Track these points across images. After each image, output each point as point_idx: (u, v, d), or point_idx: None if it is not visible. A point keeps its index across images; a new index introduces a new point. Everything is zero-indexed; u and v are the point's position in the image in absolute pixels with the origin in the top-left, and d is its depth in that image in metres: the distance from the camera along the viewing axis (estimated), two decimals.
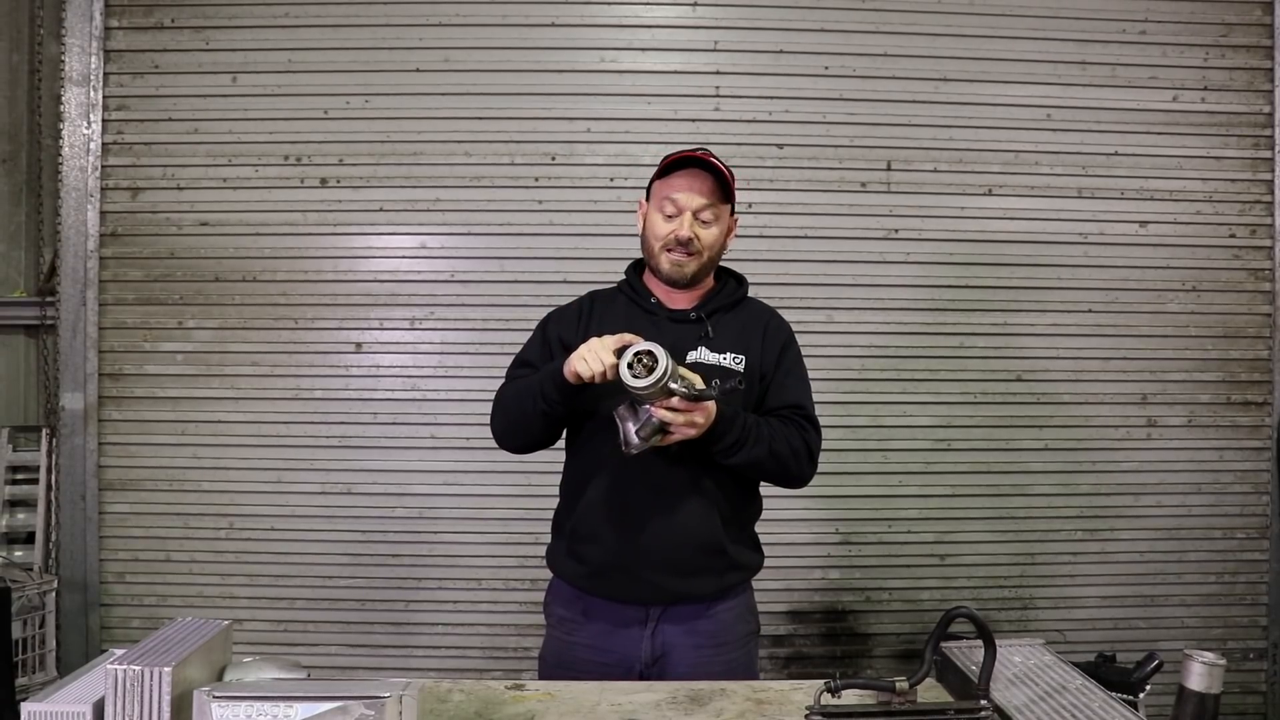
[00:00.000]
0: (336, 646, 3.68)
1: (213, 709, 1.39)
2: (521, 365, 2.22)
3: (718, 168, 2.11)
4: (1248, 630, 3.81)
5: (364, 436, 3.66)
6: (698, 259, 2.12)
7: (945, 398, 3.71)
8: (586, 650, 2.15)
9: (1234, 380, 3.77)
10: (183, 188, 3.65)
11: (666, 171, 2.14)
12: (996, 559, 3.74)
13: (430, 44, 3.63)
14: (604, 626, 2.14)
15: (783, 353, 2.19)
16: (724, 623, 2.16)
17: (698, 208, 2.10)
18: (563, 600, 2.21)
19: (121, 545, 3.68)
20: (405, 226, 3.66)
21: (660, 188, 2.15)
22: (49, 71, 3.73)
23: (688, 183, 2.10)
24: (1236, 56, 3.74)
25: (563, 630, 2.20)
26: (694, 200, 2.10)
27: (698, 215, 2.10)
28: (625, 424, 1.93)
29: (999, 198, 3.70)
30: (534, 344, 2.24)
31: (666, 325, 2.14)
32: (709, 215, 2.11)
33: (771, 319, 2.24)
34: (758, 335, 2.18)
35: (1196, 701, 1.72)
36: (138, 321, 3.67)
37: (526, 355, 2.24)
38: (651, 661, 2.12)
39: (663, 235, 2.12)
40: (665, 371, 1.80)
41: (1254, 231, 3.76)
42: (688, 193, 2.10)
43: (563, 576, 2.21)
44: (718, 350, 2.12)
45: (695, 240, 2.10)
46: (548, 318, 2.28)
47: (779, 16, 3.65)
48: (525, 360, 2.22)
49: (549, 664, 2.21)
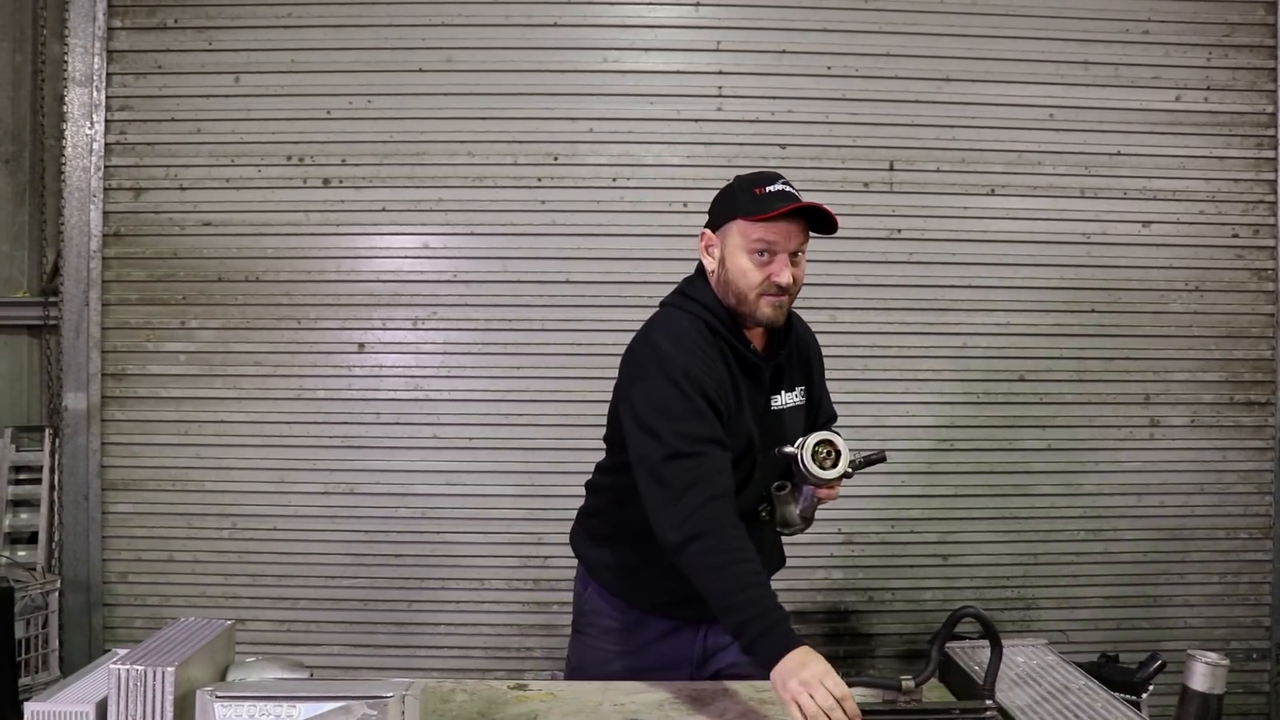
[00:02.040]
0: (339, 646, 3.68)
1: (215, 709, 1.39)
2: (706, 443, 1.85)
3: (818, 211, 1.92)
4: (1251, 630, 3.80)
5: (367, 437, 3.66)
6: (791, 298, 1.98)
7: (948, 398, 3.70)
8: (635, 658, 2.11)
9: (1237, 380, 3.77)
10: (186, 188, 3.65)
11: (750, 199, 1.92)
12: (999, 559, 3.74)
13: (433, 44, 3.63)
14: (655, 635, 2.12)
15: (823, 372, 2.26)
16: None
17: (794, 248, 1.93)
18: (613, 613, 2.15)
19: (124, 545, 3.68)
20: (408, 226, 3.66)
21: (749, 229, 1.91)
22: (52, 72, 3.73)
23: (785, 225, 1.90)
24: (1239, 56, 3.74)
25: (610, 641, 2.15)
26: (793, 241, 1.92)
27: (793, 255, 1.94)
28: (786, 507, 1.96)
29: (1002, 198, 3.70)
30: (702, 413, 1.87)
31: (764, 376, 2.03)
32: (800, 253, 1.96)
33: (812, 339, 2.24)
34: (810, 362, 2.19)
35: (1199, 702, 1.72)
36: (141, 322, 3.67)
37: (707, 431, 1.86)
38: (701, 662, 2.12)
39: (758, 283, 1.91)
40: (849, 461, 1.84)
41: (1257, 231, 3.76)
42: (784, 237, 1.91)
43: (627, 599, 2.13)
44: (790, 389, 2.09)
45: (792, 285, 1.94)
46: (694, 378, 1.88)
47: (781, 16, 3.65)
48: (711, 438, 1.86)
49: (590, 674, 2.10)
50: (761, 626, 1.67)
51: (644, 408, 1.89)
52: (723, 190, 2.03)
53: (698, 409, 1.86)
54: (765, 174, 1.98)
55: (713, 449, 1.84)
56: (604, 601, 2.16)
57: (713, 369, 1.91)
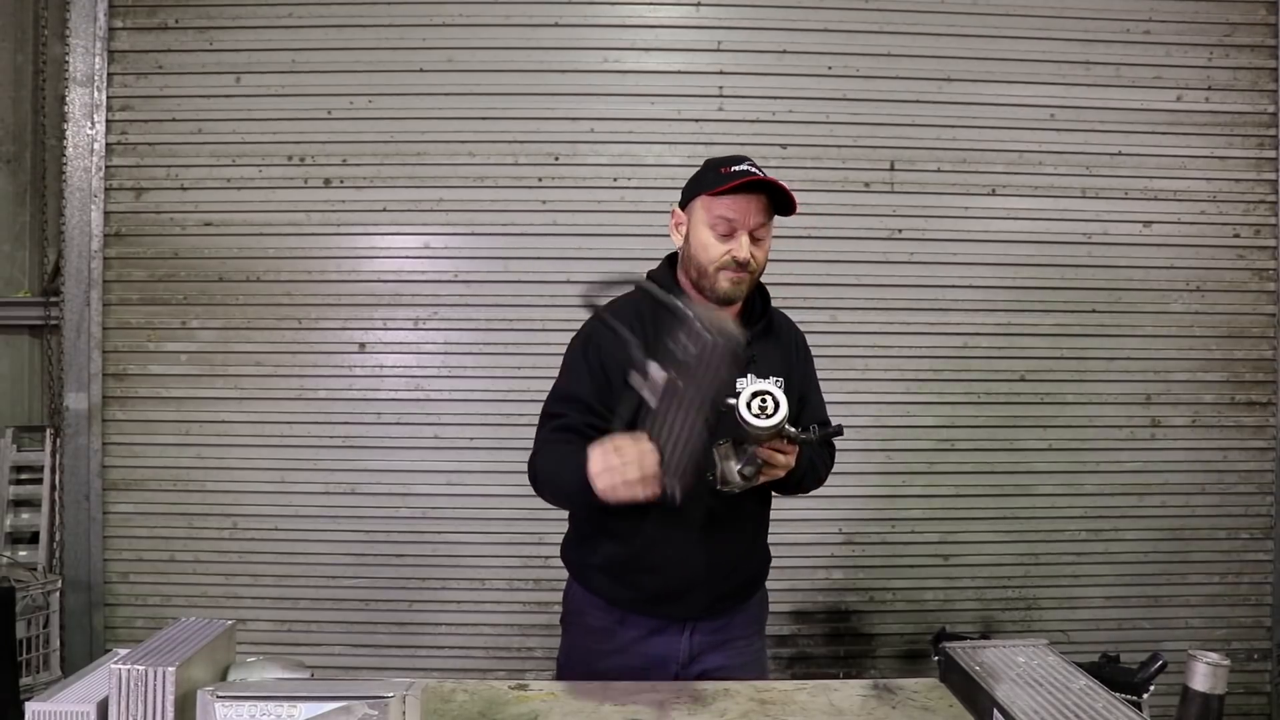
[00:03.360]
0: (340, 646, 3.68)
1: (216, 709, 1.39)
2: (568, 401, 2.05)
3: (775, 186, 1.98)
4: (1252, 631, 3.80)
5: (367, 437, 3.66)
6: (751, 278, 2.04)
7: (949, 398, 3.71)
8: (621, 657, 2.11)
9: (1238, 380, 3.77)
10: (187, 188, 3.66)
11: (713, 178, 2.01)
12: (1000, 559, 3.74)
13: (434, 44, 3.64)
14: (641, 634, 2.12)
15: (808, 369, 2.24)
16: (752, 614, 2.22)
17: (754, 226, 1.99)
18: (594, 611, 2.16)
19: (125, 545, 3.69)
20: (409, 226, 3.66)
21: (711, 204, 1.99)
22: (53, 72, 3.73)
23: (745, 202, 1.98)
24: (1240, 56, 3.74)
25: (594, 639, 2.15)
26: (751, 219, 1.98)
27: (753, 233, 1.99)
28: (726, 462, 1.88)
29: (1003, 198, 3.70)
30: (580, 378, 2.05)
31: None
32: (762, 232, 2.02)
33: (797, 336, 2.25)
34: (792, 355, 2.19)
35: (1201, 702, 1.72)
36: (142, 322, 3.68)
37: (574, 389, 2.05)
38: (688, 661, 2.12)
39: (717, 256, 1.99)
40: (786, 415, 1.76)
41: (1258, 231, 3.76)
42: (745, 213, 1.98)
43: (606, 598, 2.14)
44: (762, 375, 2.04)
45: (752, 261, 2.00)
46: (589, 338, 2.08)
47: (782, 16, 3.65)
48: (573, 396, 2.05)
49: (577, 672, 2.11)
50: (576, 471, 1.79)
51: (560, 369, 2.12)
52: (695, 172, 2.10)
53: (579, 373, 2.05)
54: (735, 156, 2.06)
55: (575, 407, 2.02)
56: (588, 600, 2.18)
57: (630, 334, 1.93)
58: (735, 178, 1.97)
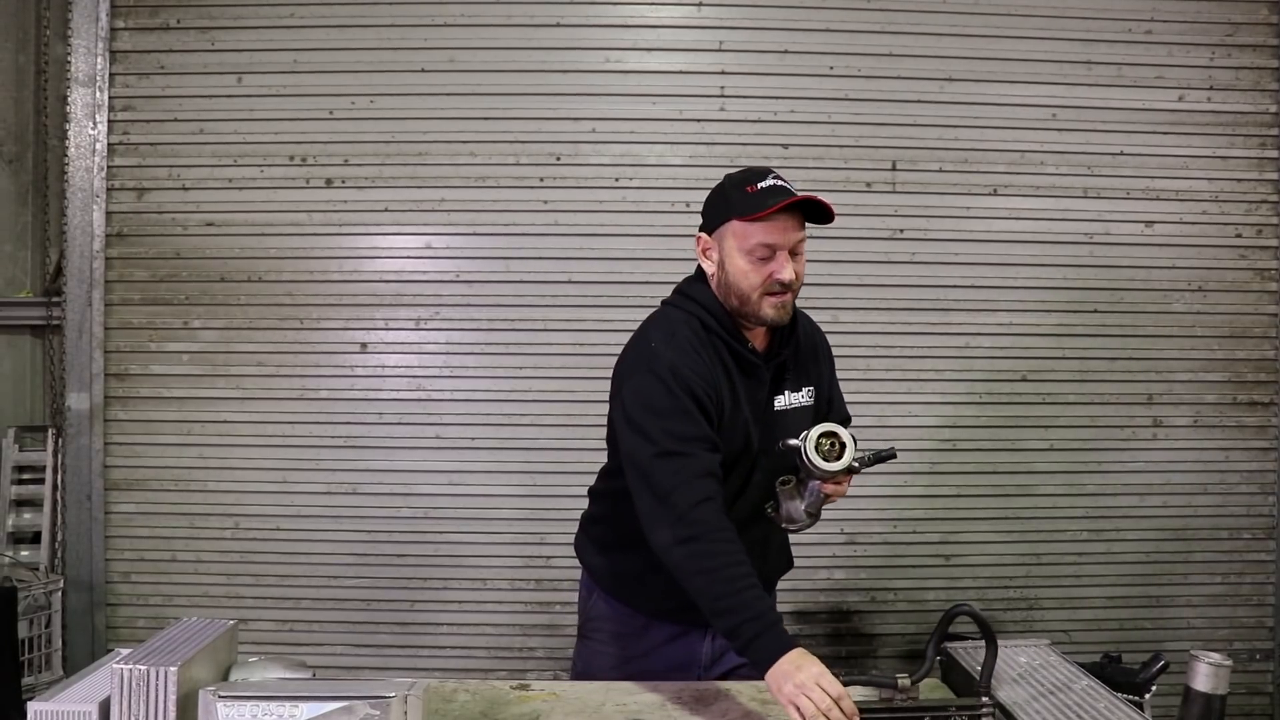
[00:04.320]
0: (342, 646, 3.68)
1: (218, 709, 1.39)
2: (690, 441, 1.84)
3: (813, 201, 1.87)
4: (1254, 631, 3.79)
5: (369, 437, 3.66)
6: (795, 295, 1.94)
7: (950, 398, 3.70)
8: (644, 662, 2.08)
9: (1240, 380, 3.76)
10: (188, 188, 3.66)
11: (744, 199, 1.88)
12: (1002, 559, 3.74)
13: (435, 44, 3.63)
14: (664, 639, 2.09)
15: (833, 371, 2.21)
16: None
17: (793, 245, 1.88)
18: (620, 618, 2.13)
19: (127, 545, 3.69)
20: (410, 227, 3.66)
21: (747, 230, 1.86)
22: (55, 72, 3.73)
23: (781, 222, 1.86)
24: (1242, 56, 3.73)
25: (617, 646, 2.13)
26: (791, 238, 1.87)
27: (792, 252, 1.89)
28: (790, 502, 1.89)
29: (1004, 198, 3.69)
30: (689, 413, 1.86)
31: (764, 375, 1.99)
32: (800, 247, 1.91)
33: (820, 338, 2.18)
34: (818, 361, 2.14)
35: (1202, 702, 1.72)
36: (143, 322, 3.68)
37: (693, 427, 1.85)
38: (710, 664, 2.10)
39: (760, 282, 1.87)
40: (854, 454, 1.77)
41: (1260, 231, 3.75)
42: (783, 233, 1.86)
43: (625, 603, 2.10)
44: (795, 389, 2.04)
45: (795, 280, 1.89)
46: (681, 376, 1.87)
47: (784, 16, 3.65)
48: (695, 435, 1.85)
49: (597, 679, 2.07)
50: (756, 629, 1.68)
51: (633, 405, 1.88)
52: (714, 191, 1.98)
53: (684, 407, 1.84)
54: (755, 170, 1.95)
55: (699, 448, 1.83)
56: (609, 608, 2.14)
57: (702, 368, 1.89)
58: (767, 196, 1.84)
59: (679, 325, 1.95)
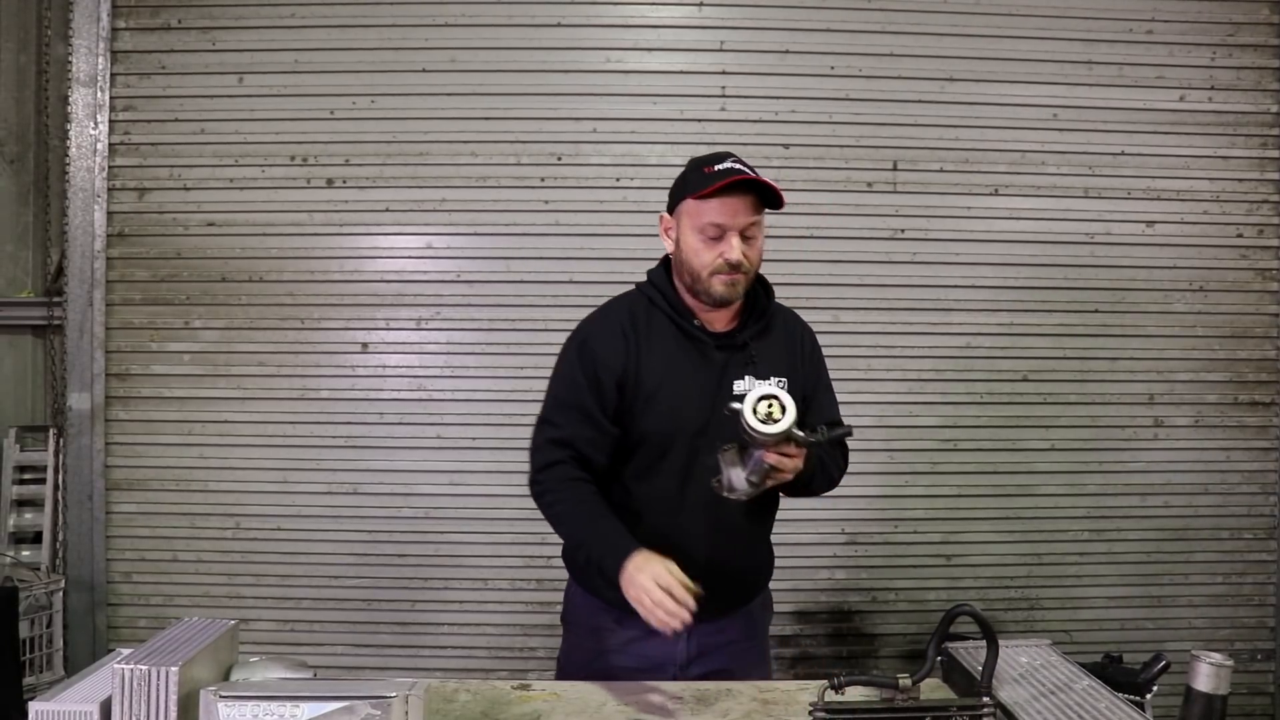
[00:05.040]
0: (343, 646, 3.68)
1: (219, 708, 1.39)
2: (566, 410, 2.03)
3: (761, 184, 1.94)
4: (1255, 631, 3.79)
5: (370, 436, 3.67)
6: (746, 278, 1.99)
7: (951, 398, 3.70)
8: (619, 657, 2.09)
9: (1241, 380, 3.76)
10: (189, 188, 3.66)
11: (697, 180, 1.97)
12: (1003, 559, 3.74)
13: (436, 44, 3.64)
14: (638, 635, 2.06)
15: (818, 369, 2.18)
16: (753, 616, 2.19)
17: (743, 227, 1.95)
18: (593, 611, 2.14)
19: (128, 545, 3.69)
20: (411, 227, 3.66)
21: (699, 208, 1.95)
22: (56, 72, 3.74)
23: (732, 203, 1.93)
24: (1244, 56, 3.73)
25: (593, 640, 2.14)
26: (739, 220, 1.94)
27: (743, 232, 1.95)
28: (732, 469, 1.84)
29: (1005, 198, 3.69)
30: (577, 384, 2.03)
31: (714, 354, 2.03)
32: (753, 230, 1.97)
33: (803, 333, 2.19)
34: (796, 355, 2.13)
35: (1204, 702, 1.71)
36: (144, 322, 3.68)
37: (573, 397, 2.03)
38: (687, 663, 2.10)
39: (710, 261, 1.95)
40: (794, 420, 1.72)
41: (1261, 231, 3.75)
42: (733, 214, 1.93)
43: (599, 595, 2.10)
44: (762, 376, 2.03)
45: (744, 262, 1.95)
46: (585, 343, 2.05)
47: (785, 16, 3.65)
48: (571, 404, 2.03)
49: (576, 672, 2.11)
50: (601, 550, 1.91)
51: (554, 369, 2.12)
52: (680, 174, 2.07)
53: (574, 379, 2.02)
54: (718, 154, 2.03)
55: (573, 417, 2.02)
56: (583, 599, 2.17)
57: (613, 348, 2.01)
58: (719, 178, 1.92)
59: (620, 304, 2.11)
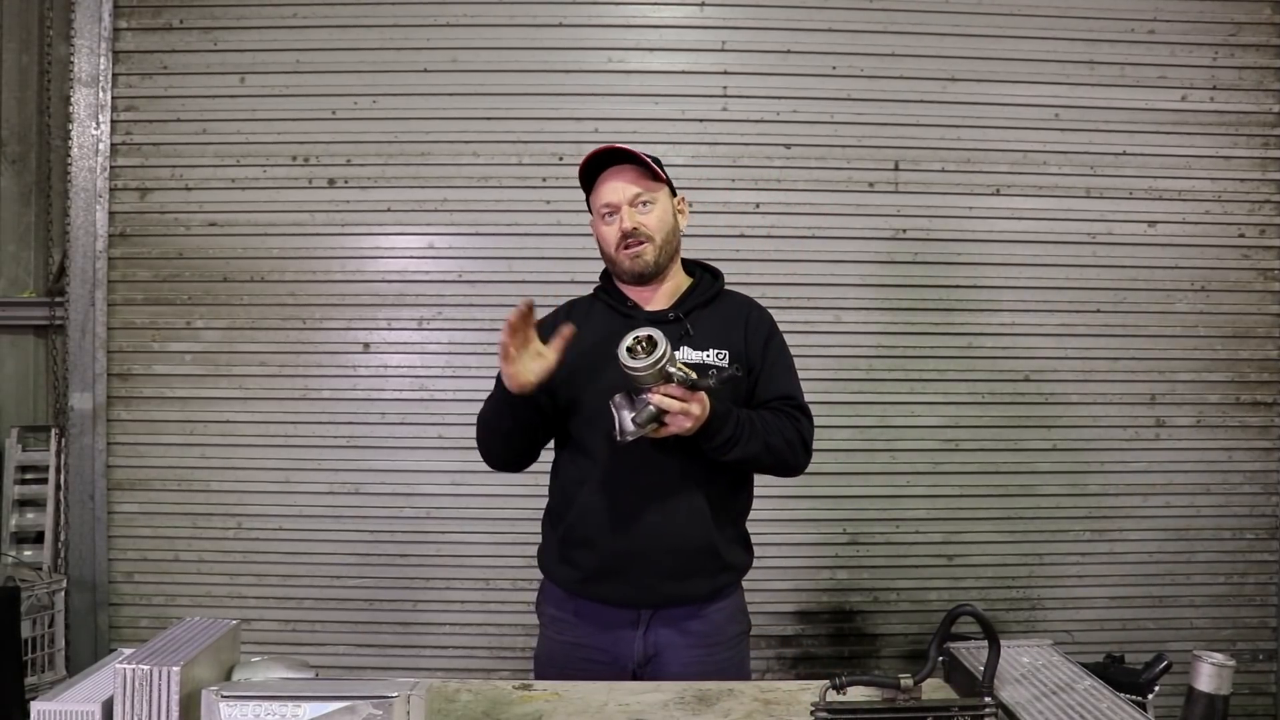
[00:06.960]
0: (344, 646, 3.69)
1: (221, 708, 1.39)
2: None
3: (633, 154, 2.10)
4: (1257, 631, 3.79)
5: (372, 436, 3.67)
6: (651, 244, 2.11)
7: (953, 398, 3.70)
8: (578, 650, 2.13)
9: (1243, 380, 3.76)
10: (191, 188, 3.66)
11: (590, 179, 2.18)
12: (1004, 559, 3.73)
13: (438, 44, 3.64)
14: (595, 627, 2.12)
15: (767, 344, 2.17)
16: (715, 623, 2.14)
17: (630, 199, 2.11)
18: (554, 601, 2.19)
19: (130, 545, 3.69)
20: (413, 227, 3.66)
21: (593, 201, 2.18)
22: (58, 72, 3.74)
23: (611, 182, 2.13)
24: (1245, 56, 3.73)
25: (554, 630, 2.18)
26: (625, 193, 2.11)
27: (634, 205, 2.11)
28: (621, 412, 1.89)
29: (1007, 197, 3.69)
30: None
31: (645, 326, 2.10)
32: (644, 200, 2.11)
33: (751, 311, 2.22)
34: (739, 329, 2.16)
35: (1205, 703, 1.71)
36: (146, 322, 3.68)
37: None
38: (644, 661, 2.11)
39: (613, 239, 2.13)
40: (664, 354, 1.79)
41: (1263, 231, 3.75)
42: (615, 190, 2.12)
43: (554, 580, 2.18)
44: (699, 348, 2.09)
45: (640, 228, 2.10)
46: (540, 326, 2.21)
47: (786, 16, 3.65)
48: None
49: (543, 663, 2.19)
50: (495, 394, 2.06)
51: None
52: None
53: None
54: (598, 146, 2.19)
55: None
56: (547, 589, 2.22)
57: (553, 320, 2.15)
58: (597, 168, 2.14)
59: (582, 297, 2.29)
